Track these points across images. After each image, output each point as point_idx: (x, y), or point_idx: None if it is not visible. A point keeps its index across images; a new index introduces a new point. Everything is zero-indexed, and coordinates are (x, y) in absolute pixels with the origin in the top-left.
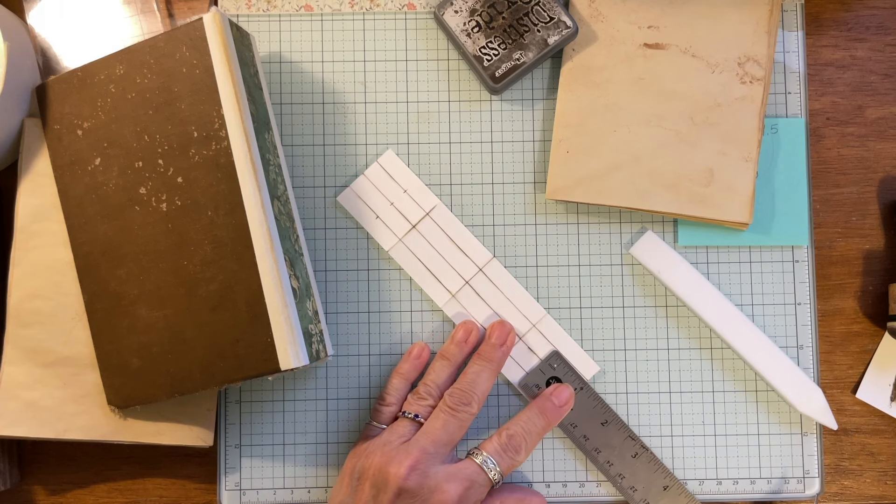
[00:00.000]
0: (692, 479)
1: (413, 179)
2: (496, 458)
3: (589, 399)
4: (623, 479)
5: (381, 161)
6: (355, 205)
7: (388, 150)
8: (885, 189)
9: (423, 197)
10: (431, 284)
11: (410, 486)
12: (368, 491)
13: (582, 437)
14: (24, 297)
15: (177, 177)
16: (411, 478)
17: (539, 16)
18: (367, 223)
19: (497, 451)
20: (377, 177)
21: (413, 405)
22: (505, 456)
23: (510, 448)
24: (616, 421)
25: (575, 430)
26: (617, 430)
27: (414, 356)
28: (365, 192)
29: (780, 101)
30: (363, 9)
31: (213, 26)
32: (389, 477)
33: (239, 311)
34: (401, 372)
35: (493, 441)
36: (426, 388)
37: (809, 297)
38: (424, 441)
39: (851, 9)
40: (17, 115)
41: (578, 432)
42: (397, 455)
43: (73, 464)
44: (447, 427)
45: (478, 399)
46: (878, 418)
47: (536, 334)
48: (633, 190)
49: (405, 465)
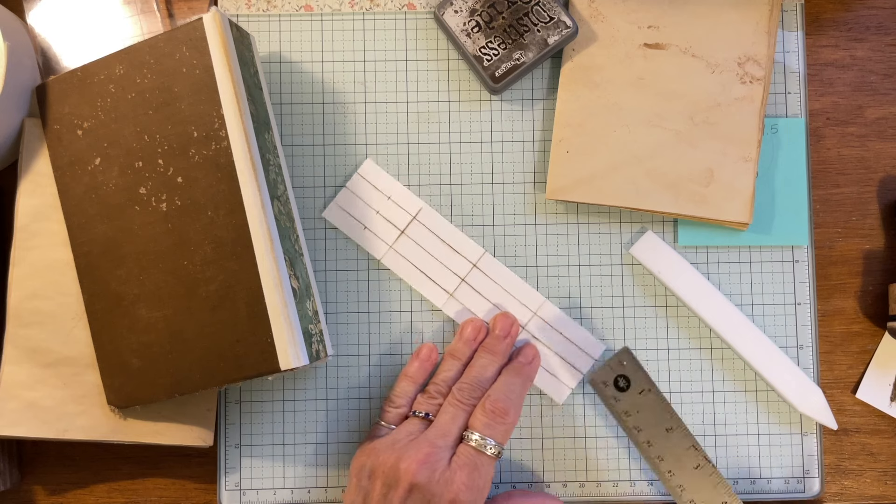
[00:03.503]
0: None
1: (395, 185)
2: (487, 431)
3: (656, 403)
4: (683, 492)
5: (360, 171)
6: (341, 218)
7: (367, 160)
8: (885, 189)
9: (408, 201)
10: (428, 286)
11: (421, 482)
12: (380, 489)
13: (646, 443)
14: (24, 297)
15: (177, 177)
16: (421, 473)
17: (539, 16)
18: (356, 235)
19: (485, 423)
20: (359, 187)
21: (424, 404)
22: (495, 424)
23: (497, 413)
24: (681, 429)
25: (639, 434)
26: (682, 439)
27: (423, 358)
28: (349, 204)
29: (780, 101)
30: (363, 9)
31: (213, 26)
32: (400, 473)
33: (239, 312)
34: (409, 374)
35: (479, 415)
36: (437, 387)
37: (809, 297)
38: (434, 435)
39: (851, 9)
40: (17, 115)
41: (643, 437)
42: (407, 451)
43: (73, 464)
44: (456, 420)
45: (485, 391)
46: (878, 418)
47: (539, 321)
48: (632, 190)
49: (416, 460)
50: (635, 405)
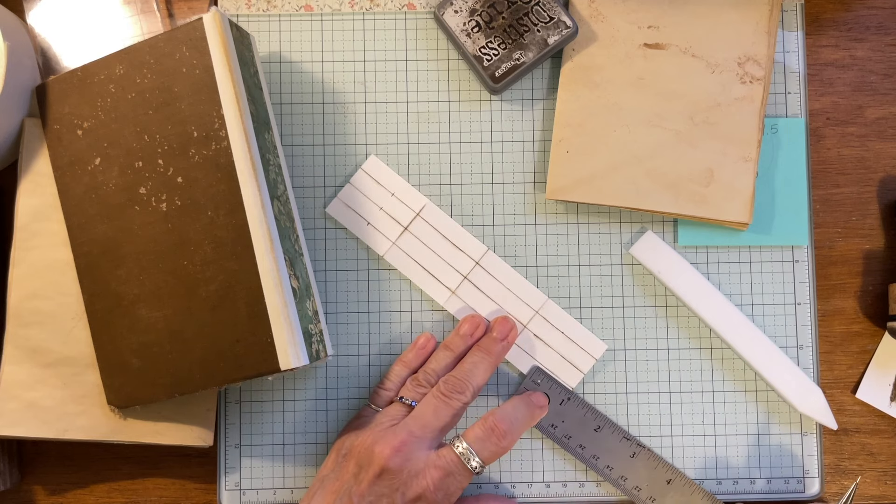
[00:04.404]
0: (692, 479)
1: (399, 182)
2: (478, 446)
3: (578, 409)
4: (626, 481)
5: (364, 167)
6: (345, 214)
7: (372, 156)
8: (885, 189)
9: (412, 198)
10: (430, 283)
11: (392, 467)
12: (352, 468)
13: (578, 447)
14: (24, 297)
15: (177, 177)
16: (394, 459)
17: (539, 16)
18: (359, 230)
19: (480, 437)
20: (363, 183)
21: (410, 391)
22: (489, 442)
23: (496, 432)
24: (609, 425)
25: (570, 441)
26: (611, 434)
27: (419, 346)
28: (353, 200)
29: (780, 101)
30: (363, 9)
31: (213, 26)
32: (374, 456)
33: (239, 311)
34: (404, 360)
35: (477, 427)
36: (425, 375)
37: (809, 297)
38: (413, 425)
39: (851, 9)
40: (17, 115)
41: (574, 443)
42: (385, 436)
43: (73, 464)
44: (438, 413)
45: (472, 389)
46: (878, 418)
47: (540, 320)
48: (632, 190)
49: (391, 445)
50: (559, 416)
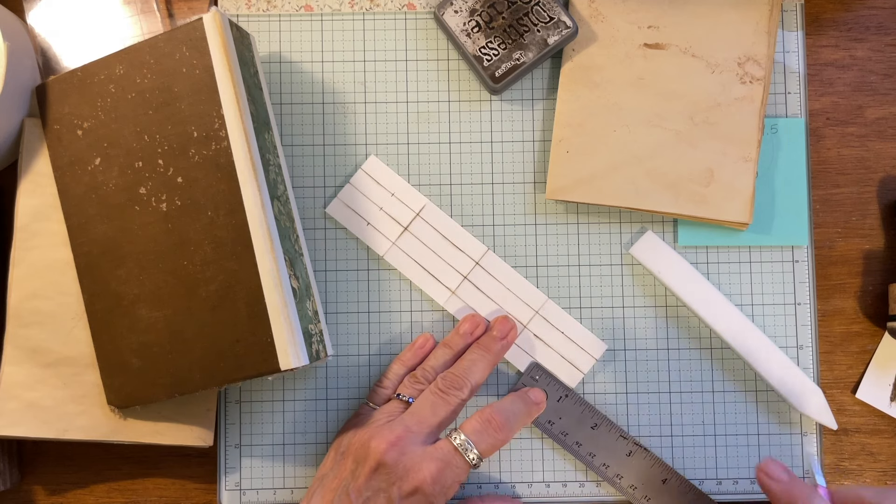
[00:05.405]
0: (692, 479)
1: (399, 182)
2: (476, 438)
3: (575, 406)
4: (621, 479)
5: (364, 168)
6: (344, 214)
7: (372, 156)
8: (885, 189)
9: (412, 198)
10: (430, 284)
11: (388, 461)
12: (350, 465)
13: (575, 444)
14: (24, 297)
15: (177, 177)
16: (390, 453)
17: (539, 16)
18: (359, 231)
19: (477, 429)
20: (363, 183)
21: (408, 388)
22: (486, 434)
23: (493, 424)
24: (605, 423)
25: (566, 438)
26: (608, 432)
27: (418, 346)
28: (353, 200)
29: (780, 101)
30: (363, 9)
31: (213, 26)
32: (370, 451)
33: (239, 311)
34: (402, 359)
35: (475, 420)
36: (424, 372)
37: (809, 297)
38: (410, 420)
39: (851, 9)
40: (17, 115)
41: (570, 440)
42: (381, 431)
43: (73, 464)
44: (435, 409)
45: (470, 386)
46: (878, 418)
47: (540, 320)
48: (632, 190)
49: (387, 440)
50: (557, 412)
